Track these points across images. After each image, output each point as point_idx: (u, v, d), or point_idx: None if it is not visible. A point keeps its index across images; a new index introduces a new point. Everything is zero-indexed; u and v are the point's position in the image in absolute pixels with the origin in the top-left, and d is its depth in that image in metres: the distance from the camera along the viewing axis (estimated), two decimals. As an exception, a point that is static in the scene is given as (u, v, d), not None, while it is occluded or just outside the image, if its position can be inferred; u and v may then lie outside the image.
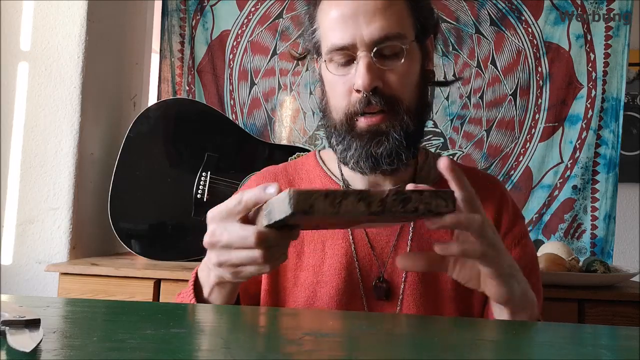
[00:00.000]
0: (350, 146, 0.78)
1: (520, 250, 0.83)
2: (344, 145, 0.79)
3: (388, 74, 0.77)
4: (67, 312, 0.55)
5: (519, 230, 0.85)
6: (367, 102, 0.76)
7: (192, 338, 0.44)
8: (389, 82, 0.77)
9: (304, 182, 0.89)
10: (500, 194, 0.87)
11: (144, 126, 1.64)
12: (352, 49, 0.76)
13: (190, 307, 0.61)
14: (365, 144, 0.77)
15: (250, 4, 1.99)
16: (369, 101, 0.76)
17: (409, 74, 0.79)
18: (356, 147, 0.78)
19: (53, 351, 0.38)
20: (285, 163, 0.94)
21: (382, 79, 0.76)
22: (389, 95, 0.77)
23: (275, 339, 0.45)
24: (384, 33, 0.75)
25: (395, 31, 0.76)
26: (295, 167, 0.92)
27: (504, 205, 0.86)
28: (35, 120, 1.59)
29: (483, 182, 0.86)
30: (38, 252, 1.56)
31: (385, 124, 0.77)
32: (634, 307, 1.36)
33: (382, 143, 0.77)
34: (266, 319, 0.53)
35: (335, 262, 0.82)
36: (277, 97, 1.99)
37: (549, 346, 0.46)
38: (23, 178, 1.58)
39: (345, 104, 0.79)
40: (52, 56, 1.60)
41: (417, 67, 0.80)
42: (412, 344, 0.43)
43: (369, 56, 0.75)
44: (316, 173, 0.89)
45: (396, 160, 0.78)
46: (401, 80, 0.77)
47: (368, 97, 0.76)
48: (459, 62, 1.94)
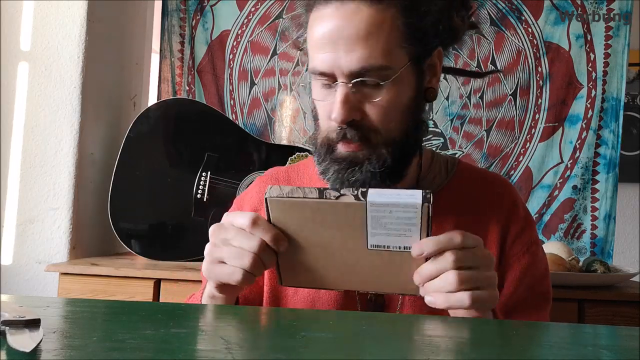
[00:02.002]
0: (328, 169, 0.76)
1: (530, 258, 0.80)
2: (322, 166, 0.77)
3: (368, 105, 0.72)
4: (67, 312, 0.55)
5: (529, 237, 0.82)
6: (342, 134, 0.73)
7: (192, 338, 0.44)
8: (368, 115, 0.72)
9: (304, 184, 0.88)
10: (510, 201, 0.83)
11: (144, 126, 1.64)
12: (332, 75, 0.71)
13: (190, 307, 0.61)
14: (340, 170, 0.75)
15: (250, 4, 1.99)
16: (344, 134, 0.73)
17: (394, 105, 0.73)
18: (332, 171, 0.76)
19: (53, 351, 0.38)
20: (289, 166, 0.94)
21: (361, 109, 0.72)
22: (367, 127, 0.72)
23: (276, 339, 0.45)
24: (364, 65, 0.69)
25: (377, 63, 0.69)
26: (298, 171, 0.91)
27: (514, 213, 0.82)
28: (35, 120, 1.59)
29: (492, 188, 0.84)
30: (38, 252, 1.56)
31: (362, 153, 0.74)
32: (634, 307, 1.36)
33: (355, 173, 0.74)
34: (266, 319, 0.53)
35: None
36: (277, 97, 1.99)
37: (549, 346, 0.46)
38: (23, 178, 1.58)
39: (326, 127, 0.76)
40: (52, 56, 1.60)
41: (407, 93, 0.74)
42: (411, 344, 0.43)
43: (347, 87, 0.70)
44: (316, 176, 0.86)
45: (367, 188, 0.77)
46: (383, 112, 0.72)
47: (344, 130, 0.72)
48: (459, 62, 1.94)
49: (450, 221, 0.80)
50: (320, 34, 0.71)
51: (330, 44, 0.70)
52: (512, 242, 0.80)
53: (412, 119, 0.76)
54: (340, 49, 0.69)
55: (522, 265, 0.79)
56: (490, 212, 0.81)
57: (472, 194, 0.83)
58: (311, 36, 0.74)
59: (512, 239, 0.81)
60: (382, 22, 0.70)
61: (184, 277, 1.38)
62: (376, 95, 0.71)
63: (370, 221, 0.61)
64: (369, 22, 0.69)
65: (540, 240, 0.86)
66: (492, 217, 0.81)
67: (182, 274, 1.38)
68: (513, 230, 0.81)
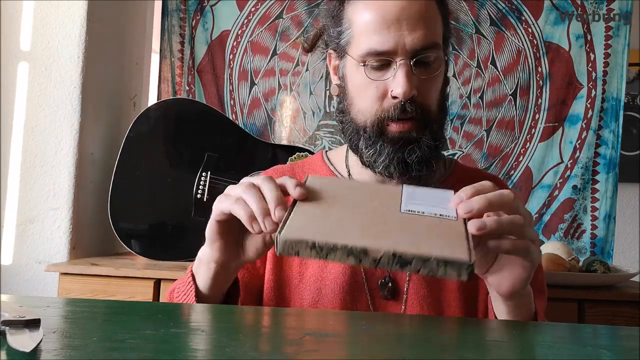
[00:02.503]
0: (382, 151, 0.78)
1: None
2: (374, 149, 0.79)
3: (423, 82, 0.77)
4: (67, 312, 0.55)
5: None
6: (402, 109, 0.77)
7: (192, 338, 0.44)
8: (422, 91, 0.77)
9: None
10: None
11: (144, 126, 1.64)
12: (392, 54, 0.76)
13: (191, 307, 0.61)
14: (397, 150, 0.78)
15: (250, 4, 1.99)
16: (404, 108, 0.76)
17: (440, 83, 0.80)
18: (388, 152, 0.78)
19: (53, 351, 0.38)
20: (293, 162, 0.95)
21: (417, 87, 0.77)
22: (421, 103, 0.77)
23: (276, 339, 0.45)
24: (426, 42, 0.75)
25: (434, 40, 0.76)
26: (302, 167, 0.92)
27: None
28: (35, 120, 1.59)
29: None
30: (38, 252, 1.56)
31: (416, 131, 0.78)
32: (634, 307, 1.36)
33: (414, 150, 0.78)
34: (267, 319, 0.53)
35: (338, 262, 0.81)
36: (277, 97, 1.99)
37: (549, 346, 0.46)
38: (23, 178, 1.58)
39: (376, 108, 0.78)
40: (52, 56, 1.60)
41: (443, 76, 0.82)
42: (412, 344, 0.43)
43: (409, 64, 0.75)
44: (323, 172, 0.89)
45: (425, 167, 0.79)
46: (433, 89, 0.79)
47: (404, 105, 0.76)
48: (459, 62, 1.94)
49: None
50: (380, 16, 0.75)
51: (395, 23, 0.74)
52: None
53: (445, 103, 0.84)
54: (404, 28, 0.74)
55: None
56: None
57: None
58: (364, 21, 0.77)
59: None
60: (432, 6, 0.78)
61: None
62: (430, 72, 0.77)
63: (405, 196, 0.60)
64: (427, 5, 0.76)
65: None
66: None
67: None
68: None
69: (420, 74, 0.77)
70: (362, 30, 0.78)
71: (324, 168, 0.90)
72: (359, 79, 0.79)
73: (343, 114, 0.84)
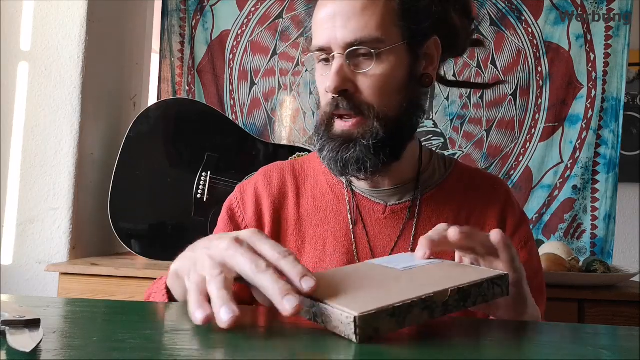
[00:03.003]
0: (324, 147, 0.79)
1: (528, 253, 0.83)
2: (320, 145, 0.79)
3: (361, 77, 0.75)
4: (67, 312, 0.55)
5: (525, 232, 0.85)
6: (335, 105, 0.76)
7: (192, 338, 0.43)
8: (360, 87, 0.75)
9: (309, 178, 0.90)
10: (505, 197, 0.87)
11: (144, 126, 1.64)
12: (329, 50, 0.76)
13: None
14: (335, 148, 0.77)
15: (250, 4, 1.99)
16: (337, 104, 0.76)
17: (386, 78, 0.75)
18: (328, 149, 0.78)
19: (53, 351, 0.38)
20: (292, 160, 0.95)
21: (354, 82, 0.75)
22: (359, 100, 0.75)
23: (276, 339, 0.45)
24: (357, 36, 0.73)
25: (371, 35, 0.73)
26: (302, 165, 0.92)
27: (509, 208, 0.86)
28: (35, 120, 1.59)
29: (487, 184, 0.88)
30: (38, 252, 1.56)
31: (358, 130, 0.76)
32: (634, 307, 1.36)
33: (349, 149, 0.76)
34: (266, 319, 0.53)
35: (335, 261, 0.82)
36: (277, 97, 1.99)
37: (549, 346, 0.45)
38: (23, 178, 1.58)
39: (323, 104, 0.79)
40: (52, 56, 1.60)
41: (402, 71, 0.77)
42: (411, 344, 0.43)
43: (342, 58, 0.74)
44: (321, 170, 0.90)
45: (362, 168, 0.77)
46: (374, 85, 0.75)
47: (336, 100, 0.75)
48: (459, 62, 1.94)
49: (449, 214, 0.83)
50: (323, 14, 0.76)
51: (329, 20, 0.75)
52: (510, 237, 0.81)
53: (407, 99, 0.78)
54: (337, 24, 0.74)
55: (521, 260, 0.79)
56: (486, 206, 0.85)
57: (468, 189, 0.86)
58: (315, 20, 0.79)
59: (509, 235, 0.83)
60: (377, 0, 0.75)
61: (184, 277, 1.37)
62: (368, 66, 0.74)
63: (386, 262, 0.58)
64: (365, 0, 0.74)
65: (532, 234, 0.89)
66: (489, 211, 0.84)
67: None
68: (510, 224, 0.84)
69: (359, 68, 0.75)
70: (313, 28, 0.80)
71: (322, 167, 0.90)
72: (316, 74, 0.81)
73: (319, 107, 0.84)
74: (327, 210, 0.85)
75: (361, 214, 0.84)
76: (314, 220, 0.85)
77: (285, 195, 0.88)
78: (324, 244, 0.83)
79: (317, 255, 0.83)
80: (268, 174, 0.90)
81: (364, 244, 0.83)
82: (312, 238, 0.84)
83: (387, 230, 0.83)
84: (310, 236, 0.84)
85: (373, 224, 0.84)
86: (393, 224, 0.83)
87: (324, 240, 0.83)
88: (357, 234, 0.83)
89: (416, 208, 0.84)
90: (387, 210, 0.84)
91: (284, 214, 0.86)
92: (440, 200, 0.85)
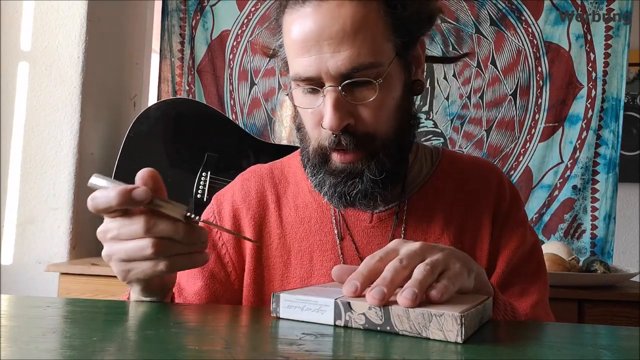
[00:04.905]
0: (324, 182, 0.71)
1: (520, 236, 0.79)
2: (317, 179, 0.72)
3: (361, 108, 0.66)
4: (67, 312, 0.55)
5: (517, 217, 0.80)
6: (337, 141, 0.67)
7: (192, 338, 0.44)
8: (362, 118, 0.67)
9: (290, 186, 0.84)
10: (497, 182, 0.82)
11: (144, 126, 1.64)
12: (318, 80, 0.66)
13: (190, 307, 0.61)
14: (338, 183, 0.70)
15: (250, 4, 1.99)
16: (339, 141, 0.67)
17: (386, 103, 0.68)
18: (329, 184, 0.70)
19: (53, 351, 0.38)
20: (272, 163, 0.88)
21: (354, 113, 0.66)
22: (362, 132, 0.67)
23: (275, 339, 0.45)
24: (353, 65, 0.63)
25: (367, 60, 0.64)
26: (282, 169, 0.86)
27: (502, 193, 0.81)
28: (35, 120, 1.59)
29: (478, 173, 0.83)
30: (38, 252, 1.56)
31: (362, 161, 0.69)
32: (634, 307, 1.36)
33: (356, 185, 0.69)
34: (266, 319, 0.53)
35: (323, 275, 0.77)
36: (277, 97, 1.99)
37: (549, 346, 0.46)
38: (23, 178, 1.58)
39: (315, 136, 0.70)
40: (52, 56, 1.60)
41: (398, 89, 0.69)
42: (411, 344, 0.43)
43: (337, 91, 0.64)
44: (302, 176, 0.83)
45: (372, 201, 0.72)
46: (377, 113, 0.67)
47: (338, 137, 0.67)
48: (459, 62, 1.94)
49: (440, 208, 0.78)
50: (301, 36, 0.65)
51: (314, 46, 0.64)
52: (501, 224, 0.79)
53: (405, 115, 0.72)
54: (325, 50, 0.64)
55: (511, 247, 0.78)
56: (479, 197, 0.80)
57: (459, 181, 0.81)
58: (289, 40, 0.67)
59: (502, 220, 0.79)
60: (368, 15, 0.64)
61: (184, 277, 1.37)
62: (368, 95, 0.66)
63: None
64: (354, 18, 0.63)
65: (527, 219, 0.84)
66: (482, 201, 0.80)
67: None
68: (502, 211, 0.80)
69: (357, 98, 0.66)
70: (289, 49, 0.68)
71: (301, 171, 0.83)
72: (297, 101, 0.71)
73: (298, 131, 0.75)
74: (312, 222, 0.80)
75: (348, 226, 0.79)
76: (299, 233, 0.79)
77: (266, 207, 0.81)
78: (311, 258, 0.78)
79: (305, 270, 0.78)
80: (245, 183, 0.84)
81: (352, 255, 0.78)
82: (297, 252, 0.79)
83: (376, 239, 0.78)
84: (295, 250, 0.79)
85: (360, 234, 0.78)
86: (381, 232, 0.78)
87: (310, 254, 0.78)
88: (344, 247, 0.78)
89: (403, 214, 0.78)
90: (374, 219, 0.78)
91: (266, 228, 0.80)
92: (429, 199, 0.79)
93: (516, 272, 0.78)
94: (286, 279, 0.78)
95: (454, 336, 0.44)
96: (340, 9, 0.63)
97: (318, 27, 0.64)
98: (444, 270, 0.52)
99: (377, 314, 0.47)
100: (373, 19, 0.64)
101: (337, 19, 0.63)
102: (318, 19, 0.64)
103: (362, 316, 0.48)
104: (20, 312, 0.53)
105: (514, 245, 0.78)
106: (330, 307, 0.49)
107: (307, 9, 0.65)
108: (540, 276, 0.80)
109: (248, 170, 0.87)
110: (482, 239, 0.78)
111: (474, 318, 0.47)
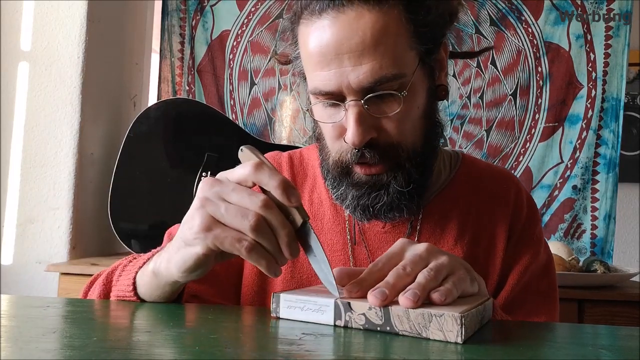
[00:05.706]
0: (346, 195, 0.69)
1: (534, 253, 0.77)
2: (339, 191, 0.70)
3: (384, 120, 0.64)
4: (67, 312, 0.55)
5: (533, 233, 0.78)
6: (360, 155, 0.65)
7: (192, 338, 0.44)
8: (386, 130, 0.65)
9: (308, 179, 0.82)
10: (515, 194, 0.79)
11: (144, 126, 1.64)
12: (338, 95, 0.64)
13: (190, 307, 0.61)
14: (362, 195, 0.67)
15: (250, 4, 1.99)
16: (362, 154, 0.65)
17: (410, 114, 0.65)
18: (352, 197, 0.68)
19: (53, 351, 0.38)
20: (291, 152, 0.85)
21: (378, 127, 0.64)
22: (386, 144, 0.65)
23: (275, 339, 0.45)
24: (376, 77, 0.61)
25: (390, 72, 0.61)
26: (300, 159, 0.84)
27: (519, 206, 0.78)
28: (35, 120, 1.59)
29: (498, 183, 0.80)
30: (38, 252, 1.56)
31: (387, 173, 0.67)
32: (634, 307, 1.36)
33: (381, 197, 0.67)
34: (266, 319, 0.53)
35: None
36: (277, 97, 1.99)
37: (549, 346, 0.46)
38: (23, 178, 1.58)
39: (337, 149, 0.68)
40: (52, 56, 1.60)
41: (422, 96, 0.67)
42: (411, 344, 0.43)
43: (360, 105, 0.62)
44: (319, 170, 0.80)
45: (397, 214, 0.69)
46: (402, 125, 0.65)
47: (361, 151, 0.64)
48: (459, 62, 1.94)
49: (456, 217, 0.76)
50: (319, 49, 0.63)
51: (334, 59, 0.62)
52: (516, 239, 0.77)
53: (430, 123, 0.70)
54: (345, 64, 0.61)
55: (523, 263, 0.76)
56: (495, 208, 0.78)
57: (477, 189, 0.79)
58: (307, 53, 0.65)
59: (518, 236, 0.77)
60: (388, 25, 0.61)
61: (184, 277, 1.37)
62: (392, 107, 0.63)
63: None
64: (374, 29, 0.60)
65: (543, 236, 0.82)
66: (499, 212, 0.77)
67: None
68: (518, 226, 0.78)
69: (380, 111, 0.64)
70: (307, 63, 0.66)
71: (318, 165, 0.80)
72: (318, 114, 0.68)
73: (318, 140, 0.73)
74: (324, 220, 0.78)
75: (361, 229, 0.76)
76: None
77: None
78: None
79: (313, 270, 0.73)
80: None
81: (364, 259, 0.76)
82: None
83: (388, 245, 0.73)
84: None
85: (372, 239, 0.76)
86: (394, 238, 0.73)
87: None
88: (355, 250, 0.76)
89: (418, 221, 0.75)
90: (386, 225, 0.76)
91: None
92: (446, 206, 0.76)
93: (526, 290, 0.75)
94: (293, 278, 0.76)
95: (454, 336, 0.44)
96: (360, 20, 0.61)
97: (337, 40, 0.61)
98: (448, 275, 0.52)
99: (377, 314, 0.47)
100: (394, 29, 0.62)
101: (356, 31, 0.61)
102: (337, 32, 0.61)
103: (362, 316, 0.48)
104: (20, 312, 0.53)
105: (526, 262, 0.75)
106: (330, 307, 0.49)
107: (325, 20, 0.62)
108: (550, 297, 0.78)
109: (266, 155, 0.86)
110: (495, 252, 0.75)
111: (474, 319, 0.47)
